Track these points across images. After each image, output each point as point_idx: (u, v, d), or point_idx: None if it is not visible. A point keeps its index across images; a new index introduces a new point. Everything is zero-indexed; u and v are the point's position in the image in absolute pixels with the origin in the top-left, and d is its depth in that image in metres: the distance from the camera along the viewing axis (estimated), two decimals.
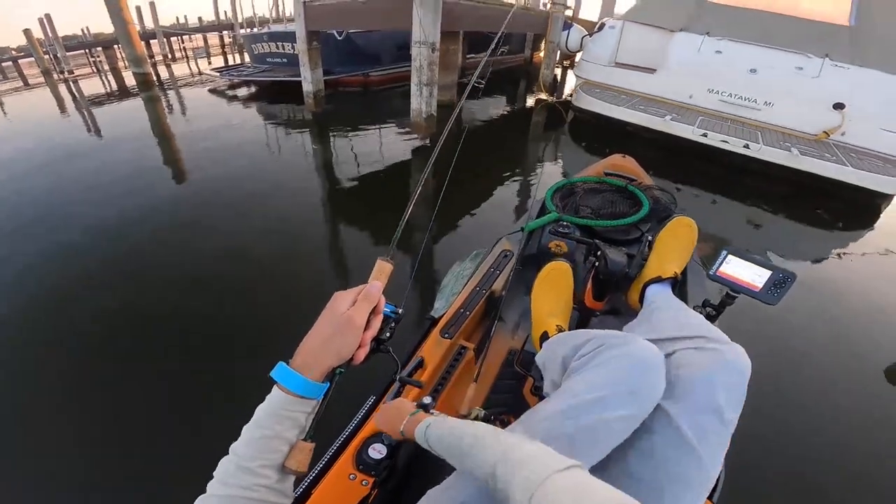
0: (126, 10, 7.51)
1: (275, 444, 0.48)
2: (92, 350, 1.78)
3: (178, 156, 4.03)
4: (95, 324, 1.91)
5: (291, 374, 0.48)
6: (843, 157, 3.88)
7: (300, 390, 0.48)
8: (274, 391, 0.49)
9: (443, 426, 0.60)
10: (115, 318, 1.94)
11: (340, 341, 0.50)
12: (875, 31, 4.30)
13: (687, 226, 1.15)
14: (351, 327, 0.50)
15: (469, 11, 4.90)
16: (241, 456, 0.47)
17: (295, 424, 0.49)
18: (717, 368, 0.69)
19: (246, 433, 0.49)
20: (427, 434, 0.60)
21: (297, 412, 0.49)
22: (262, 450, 0.48)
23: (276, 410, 0.48)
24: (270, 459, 0.48)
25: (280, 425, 0.48)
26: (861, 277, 2.67)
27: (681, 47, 4.80)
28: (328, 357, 0.50)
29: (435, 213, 1.74)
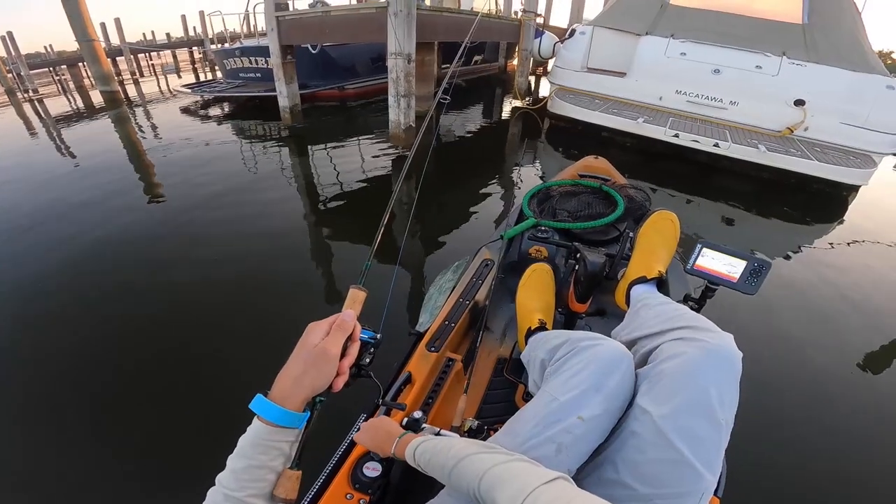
0: (91, 26, 7.32)
1: (261, 473, 0.48)
2: (49, 391, 1.67)
3: (150, 176, 3.91)
4: (60, 361, 1.79)
5: (269, 406, 0.49)
6: (807, 151, 4.05)
7: (279, 421, 0.48)
8: (254, 422, 0.49)
9: (429, 447, 0.60)
10: (79, 357, 1.82)
11: (315, 373, 0.50)
12: (827, 28, 4.53)
13: (669, 219, 1.15)
14: (325, 359, 0.51)
15: (443, 22, 4.95)
16: (228, 486, 0.47)
17: (279, 454, 0.49)
18: (704, 360, 0.65)
19: (231, 463, 0.49)
20: (416, 456, 0.61)
21: (279, 441, 0.49)
22: (248, 479, 0.48)
23: (258, 441, 0.49)
24: (258, 488, 0.48)
25: (264, 455, 0.48)
26: (835, 268, 2.77)
27: (647, 50, 4.95)
28: (304, 389, 0.50)
29: (406, 233, 1.71)
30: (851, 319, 2.25)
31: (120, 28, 13.41)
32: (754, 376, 1.73)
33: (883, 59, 18.81)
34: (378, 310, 0.98)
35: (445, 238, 2.81)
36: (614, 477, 0.62)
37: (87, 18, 7.21)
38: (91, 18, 7.33)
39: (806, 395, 1.75)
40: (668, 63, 4.82)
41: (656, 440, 0.61)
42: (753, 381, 1.70)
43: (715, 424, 0.61)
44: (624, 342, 0.87)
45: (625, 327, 0.91)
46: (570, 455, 0.64)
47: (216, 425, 0.99)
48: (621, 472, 0.62)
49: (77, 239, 2.73)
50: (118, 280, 2.34)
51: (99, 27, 10.83)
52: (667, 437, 0.60)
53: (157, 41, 18.70)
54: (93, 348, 1.86)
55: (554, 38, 6.70)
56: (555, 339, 0.81)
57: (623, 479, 0.61)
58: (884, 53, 26.59)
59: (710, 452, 0.60)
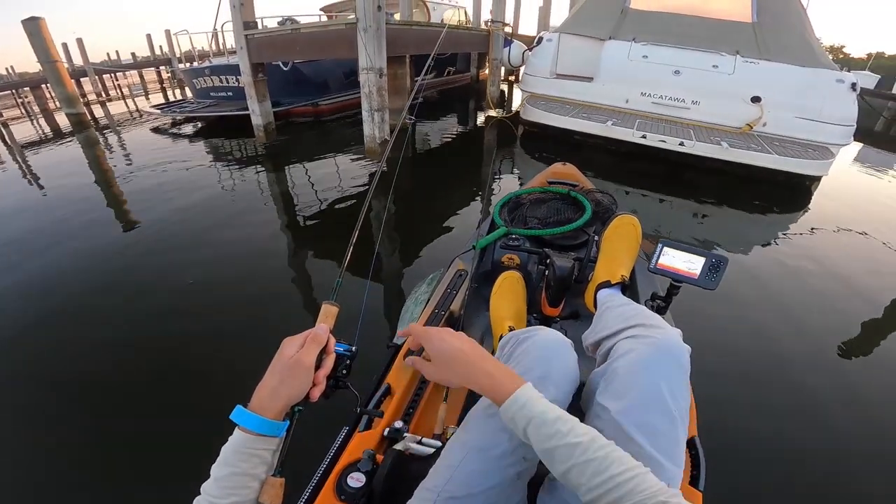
0: (52, 47, 7.11)
1: (243, 480, 0.50)
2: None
3: (121, 202, 3.82)
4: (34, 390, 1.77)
5: (249, 415, 0.52)
6: (767, 146, 4.24)
7: (259, 429, 0.51)
8: (235, 432, 0.52)
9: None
10: (51, 386, 1.79)
11: (291, 383, 0.54)
12: (775, 26, 4.74)
13: (630, 224, 1.19)
14: (300, 369, 0.54)
15: (413, 35, 5.02)
16: (213, 494, 0.49)
17: (261, 461, 0.52)
18: (653, 356, 0.68)
19: (214, 472, 0.51)
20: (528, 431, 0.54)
21: (259, 449, 0.52)
22: (231, 487, 0.50)
23: (239, 449, 0.51)
24: (241, 495, 0.50)
25: (245, 463, 0.51)
26: (804, 255, 2.89)
27: (611, 54, 5.10)
28: (281, 399, 0.53)
29: (378, 247, 1.73)
30: (823, 305, 2.34)
31: (83, 48, 13.09)
32: (731, 369, 1.81)
33: (835, 54, 19.75)
34: (353, 323, 1.01)
35: (421, 249, 2.84)
36: None
37: (48, 39, 7.01)
38: (52, 39, 7.15)
39: (784, 385, 1.78)
40: (632, 66, 4.97)
41: (617, 435, 0.62)
42: (730, 373, 1.78)
43: (669, 417, 0.63)
44: (591, 344, 0.92)
45: (592, 329, 0.95)
46: (524, 443, 0.62)
47: (198, 437, 1.00)
48: None
49: (47, 266, 2.66)
50: (92, 305, 2.31)
51: (61, 47, 10.56)
52: (626, 432, 0.62)
53: (123, 61, 18.31)
54: (69, 368, 1.84)
55: (522, 46, 6.86)
56: (505, 340, 0.83)
57: None
58: (836, 48, 28.02)
59: (668, 444, 0.62)
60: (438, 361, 0.59)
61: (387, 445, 0.85)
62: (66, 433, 1.58)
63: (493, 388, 0.55)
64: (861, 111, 4.49)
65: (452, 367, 0.57)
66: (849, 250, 3.03)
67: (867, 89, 9.90)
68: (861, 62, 18.68)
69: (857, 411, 1.69)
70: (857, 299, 2.41)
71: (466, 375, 0.56)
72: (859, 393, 1.78)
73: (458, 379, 0.57)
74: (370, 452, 0.78)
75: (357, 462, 0.77)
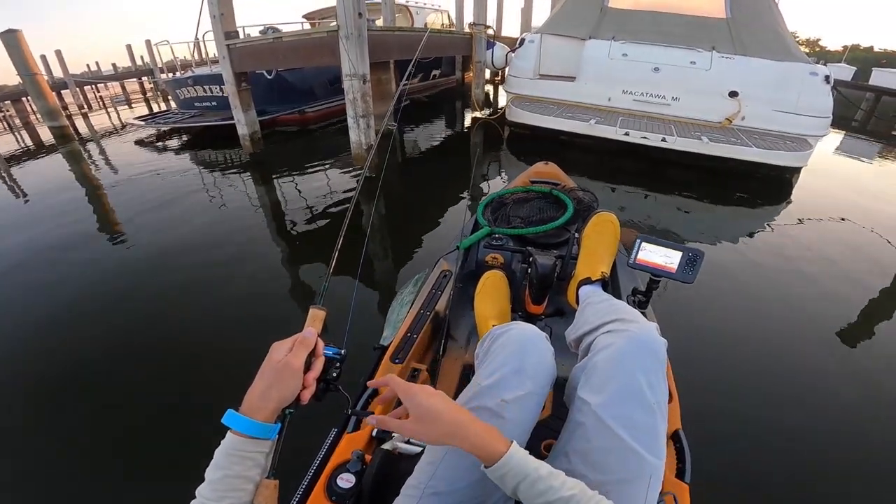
0: (31, 59, 7.00)
1: (237, 482, 0.51)
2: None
3: (109, 214, 3.79)
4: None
5: (240, 419, 0.53)
6: (746, 139, 4.32)
7: (250, 432, 0.52)
8: (228, 435, 0.53)
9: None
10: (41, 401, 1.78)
11: (280, 386, 0.55)
12: (748, 22, 4.84)
13: (609, 221, 1.21)
14: (289, 372, 0.55)
15: (395, 41, 5.04)
16: (208, 497, 0.50)
17: (254, 464, 0.53)
18: (630, 349, 0.69)
19: (208, 475, 0.52)
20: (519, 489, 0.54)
21: (252, 452, 0.53)
22: (225, 489, 0.51)
23: (232, 451, 0.52)
24: (235, 497, 0.51)
25: (239, 465, 0.52)
26: (786, 247, 2.96)
27: (592, 54, 5.16)
28: (271, 401, 0.54)
29: (364, 250, 1.73)
30: (807, 294, 2.38)
31: (62, 60, 12.85)
32: (716, 360, 1.85)
33: (811, 47, 20.13)
34: (342, 326, 1.02)
35: (410, 251, 2.87)
36: (568, 467, 0.63)
37: (27, 51, 6.89)
38: (31, 51, 7.04)
39: (770, 376, 1.80)
40: (613, 64, 5.04)
41: (598, 428, 0.64)
42: (716, 365, 1.82)
43: (648, 409, 0.64)
44: (573, 339, 0.94)
45: (573, 326, 0.96)
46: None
47: (191, 443, 1.01)
48: (573, 462, 0.64)
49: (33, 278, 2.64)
50: (81, 312, 2.32)
51: (39, 60, 10.38)
52: (607, 425, 0.63)
53: (103, 72, 18.04)
54: (62, 373, 1.85)
55: (505, 48, 6.90)
56: (484, 337, 0.84)
57: (576, 469, 0.63)
58: (812, 41, 28.55)
59: (648, 436, 0.63)
60: (422, 421, 0.57)
61: (375, 445, 0.87)
62: (58, 435, 1.60)
63: (481, 448, 0.54)
64: (839, 104, 4.59)
65: (437, 427, 0.56)
66: (830, 238, 3.11)
67: (844, 81, 10.15)
68: (837, 55, 19.09)
69: (844, 399, 1.71)
70: (840, 287, 2.47)
71: (452, 435, 0.55)
72: (844, 380, 1.80)
73: (443, 438, 0.56)
74: (359, 453, 0.79)
75: (346, 463, 0.79)
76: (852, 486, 1.39)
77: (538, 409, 0.71)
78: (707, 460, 1.02)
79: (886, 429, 1.60)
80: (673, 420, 0.90)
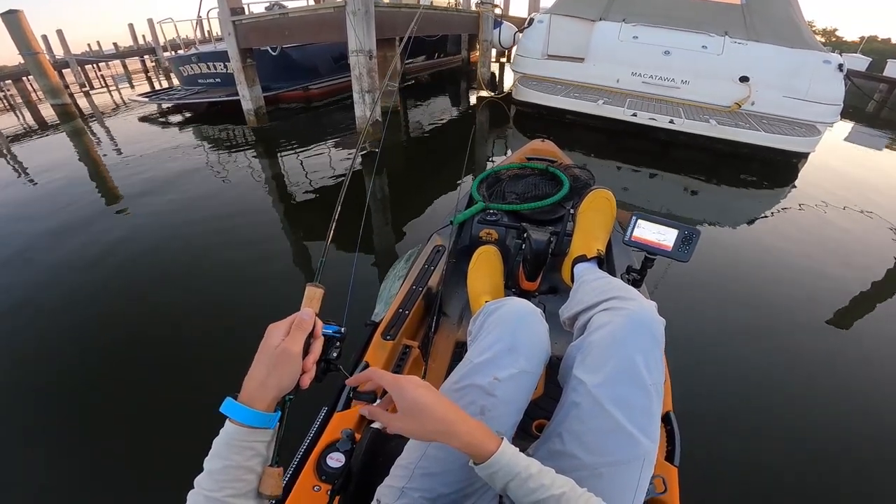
0: (33, 39, 6.98)
1: (238, 473, 0.49)
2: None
3: (113, 189, 3.79)
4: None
5: (239, 408, 0.49)
6: (755, 123, 4.31)
7: (251, 422, 0.49)
8: (227, 424, 0.50)
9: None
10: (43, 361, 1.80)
11: (279, 374, 0.51)
12: (763, 8, 4.78)
13: (605, 198, 1.19)
14: (288, 358, 0.51)
15: (402, 17, 4.98)
16: (208, 488, 0.48)
17: (255, 454, 0.50)
18: (628, 328, 0.68)
19: (207, 465, 0.49)
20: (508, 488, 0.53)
21: (253, 442, 0.50)
22: (226, 480, 0.48)
23: (231, 442, 0.49)
24: (237, 488, 0.48)
25: (239, 455, 0.49)
26: (792, 230, 2.96)
27: (602, 35, 5.12)
28: (271, 390, 0.51)
29: (362, 226, 1.67)
30: (805, 278, 2.37)
31: (63, 40, 12.79)
32: (709, 342, 1.84)
33: (828, 37, 19.64)
34: (341, 303, 0.96)
35: (411, 225, 2.85)
36: (561, 448, 0.63)
37: (28, 31, 6.87)
38: (33, 31, 7.00)
39: (763, 358, 1.77)
40: (622, 47, 5.00)
41: (593, 409, 0.62)
42: (708, 347, 1.81)
43: (644, 390, 0.63)
44: (568, 318, 0.92)
45: (568, 304, 0.94)
46: (495, 417, 0.63)
47: (187, 429, 0.97)
48: (567, 443, 0.63)
49: (38, 259, 2.67)
50: (79, 289, 2.31)
51: (41, 39, 10.30)
52: (602, 406, 0.62)
53: (105, 51, 17.85)
54: (55, 355, 1.86)
55: (512, 27, 6.82)
56: (478, 313, 0.82)
57: (569, 450, 0.62)
58: (828, 31, 27.97)
59: (643, 417, 0.62)
60: (410, 415, 0.54)
61: (365, 424, 0.85)
62: (51, 429, 1.56)
63: (471, 446, 0.53)
64: (852, 94, 4.53)
65: (425, 422, 0.53)
66: (832, 224, 3.11)
67: (858, 72, 9.99)
68: (854, 45, 18.73)
69: (837, 383, 1.69)
70: (837, 272, 2.47)
71: (440, 433, 0.53)
72: (839, 364, 1.79)
73: (432, 436, 0.54)
74: (349, 432, 0.77)
75: (336, 442, 0.77)
76: (842, 470, 1.38)
77: (531, 387, 0.69)
78: (696, 443, 1.00)
79: (879, 414, 1.59)
80: (664, 402, 0.89)
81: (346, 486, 0.72)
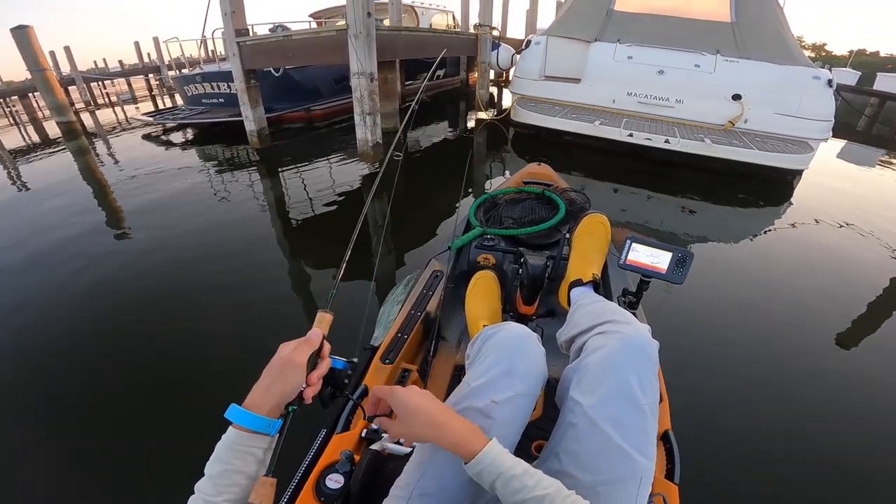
0: (42, 55, 7.13)
1: (236, 478, 0.51)
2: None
3: (114, 209, 3.83)
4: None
5: (242, 413, 0.53)
6: (749, 142, 4.37)
7: (251, 425, 0.52)
8: (229, 429, 0.53)
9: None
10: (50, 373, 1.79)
11: (283, 380, 0.55)
12: (752, 25, 4.88)
13: (600, 222, 1.22)
14: (291, 367, 0.56)
15: (403, 40, 5.11)
16: (207, 492, 0.50)
17: (254, 459, 0.52)
18: (623, 351, 0.70)
19: (208, 469, 0.52)
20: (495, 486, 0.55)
21: (252, 447, 0.52)
22: (224, 484, 0.50)
23: (233, 446, 0.52)
24: (233, 493, 0.50)
25: (239, 460, 0.51)
26: (788, 248, 3.00)
27: (598, 56, 5.22)
28: (274, 395, 0.54)
29: (377, 261, 1.65)
30: (803, 295, 2.39)
31: (70, 56, 12.98)
32: (708, 362, 1.86)
33: (817, 52, 19.82)
34: (349, 331, 0.99)
35: (414, 253, 2.84)
36: (559, 468, 0.64)
37: (37, 48, 7.02)
38: (41, 47, 7.14)
39: (761, 376, 1.78)
40: (618, 67, 5.09)
41: (589, 429, 0.64)
42: (707, 366, 1.83)
43: (639, 410, 0.64)
44: (565, 341, 0.94)
45: (565, 327, 0.96)
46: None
47: (193, 442, 0.99)
48: (564, 462, 0.64)
49: (42, 279, 2.69)
50: (82, 310, 2.33)
51: (48, 56, 10.49)
52: (598, 426, 0.63)
53: (110, 69, 18.17)
54: (69, 369, 1.86)
55: (510, 49, 6.96)
56: (475, 338, 0.83)
57: (567, 470, 0.63)
58: (818, 46, 28.51)
59: (639, 437, 0.63)
60: (403, 419, 0.59)
61: (364, 446, 0.86)
62: (55, 434, 1.59)
63: (459, 445, 0.55)
64: (842, 109, 4.60)
65: (417, 424, 0.58)
66: (827, 240, 3.14)
67: (848, 86, 10.14)
68: (843, 59, 19.08)
69: (834, 400, 1.71)
70: (833, 290, 2.49)
71: (431, 433, 0.57)
72: (835, 382, 1.80)
73: (424, 436, 0.58)
74: (348, 453, 0.78)
75: (335, 463, 0.78)
76: (842, 487, 1.38)
77: (529, 410, 0.70)
78: (696, 461, 1.01)
79: (878, 430, 1.59)
80: (663, 421, 0.90)
81: None
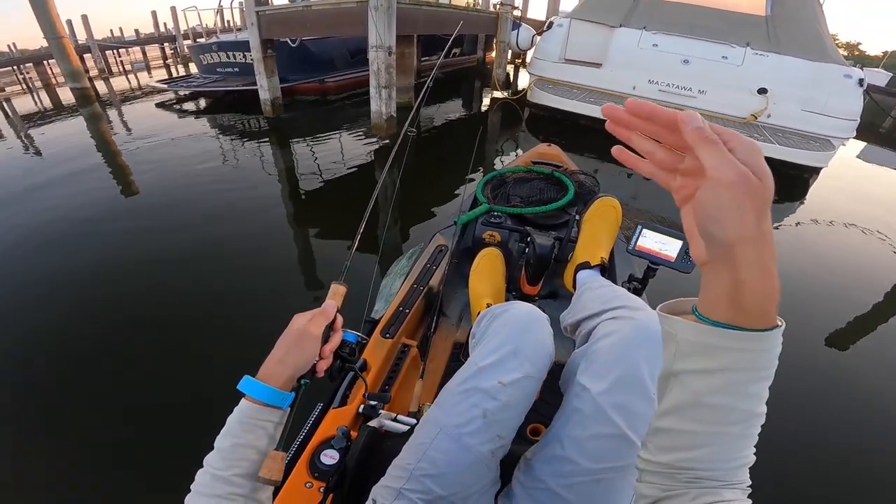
0: (59, 23, 7.11)
1: (246, 452, 0.49)
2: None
3: (125, 174, 3.84)
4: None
5: (256, 384, 0.51)
6: (770, 136, 4.28)
7: (265, 398, 0.51)
8: (242, 402, 0.51)
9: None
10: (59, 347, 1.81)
11: (298, 351, 0.53)
12: (788, 21, 4.73)
13: (611, 206, 1.18)
14: (307, 337, 0.54)
15: (422, 15, 5.01)
16: (216, 466, 0.49)
17: (265, 433, 0.51)
18: (635, 337, 0.67)
19: (218, 443, 0.50)
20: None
21: (265, 421, 0.51)
22: (234, 458, 0.49)
23: (245, 419, 0.50)
24: (243, 467, 0.49)
25: (250, 434, 0.50)
26: (800, 245, 2.94)
27: (622, 42, 5.10)
28: (289, 367, 0.52)
29: (384, 235, 1.63)
30: (807, 293, 2.36)
31: (87, 25, 12.94)
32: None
33: (851, 50, 19.25)
34: (358, 306, 0.97)
35: (420, 227, 2.83)
36: (561, 453, 0.62)
37: (55, 15, 7.00)
38: (59, 15, 7.12)
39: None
40: (641, 54, 4.97)
41: (596, 416, 0.62)
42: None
43: (648, 399, 0.61)
44: (570, 324, 0.91)
45: (570, 310, 0.94)
46: (498, 421, 0.63)
47: (203, 414, 0.99)
48: (567, 448, 0.62)
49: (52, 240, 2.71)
50: (97, 278, 2.31)
51: (65, 24, 10.48)
52: (605, 413, 0.61)
53: (126, 38, 18.09)
54: (79, 343, 1.88)
55: (531, 30, 6.81)
56: (481, 316, 0.81)
57: (569, 455, 0.61)
58: (852, 45, 27.62)
59: (646, 427, 0.61)
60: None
61: (361, 422, 0.84)
62: (60, 410, 1.58)
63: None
64: (869, 110, 4.47)
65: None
66: (837, 240, 3.08)
67: (878, 87, 9.84)
68: (876, 60, 18.51)
69: (834, 398, 1.70)
70: (844, 290, 2.44)
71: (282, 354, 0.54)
72: (836, 380, 1.79)
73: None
74: (344, 429, 0.76)
75: (331, 439, 0.76)
76: (841, 487, 1.37)
77: (534, 392, 0.68)
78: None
79: (880, 431, 1.58)
80: None
81: (340, 484, 0.70)
